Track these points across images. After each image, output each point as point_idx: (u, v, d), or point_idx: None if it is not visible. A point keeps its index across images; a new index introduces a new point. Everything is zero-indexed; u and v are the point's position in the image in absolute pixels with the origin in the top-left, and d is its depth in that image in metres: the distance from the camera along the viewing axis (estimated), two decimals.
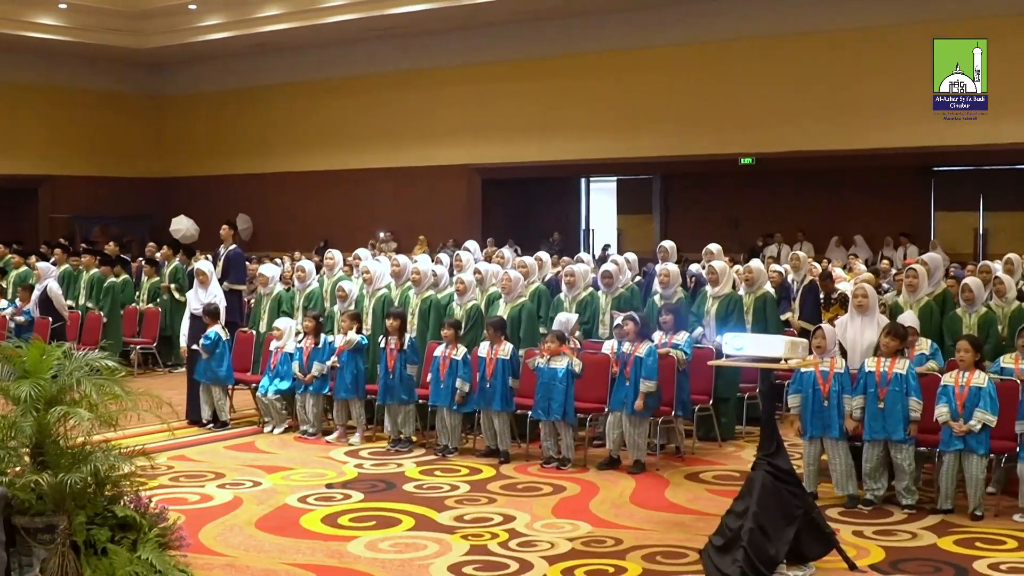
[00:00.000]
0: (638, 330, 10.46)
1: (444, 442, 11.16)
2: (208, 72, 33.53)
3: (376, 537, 8.30)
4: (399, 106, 30.01)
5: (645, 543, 8.09)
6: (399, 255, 14.02)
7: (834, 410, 9.19)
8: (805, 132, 24.55)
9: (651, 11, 25.96)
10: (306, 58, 31.08)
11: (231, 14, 29.23)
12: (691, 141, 25.91)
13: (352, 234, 27.94)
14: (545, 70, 27.76)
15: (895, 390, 8.99)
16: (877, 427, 9.05)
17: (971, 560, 7.72)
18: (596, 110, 27.23)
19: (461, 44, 28.60)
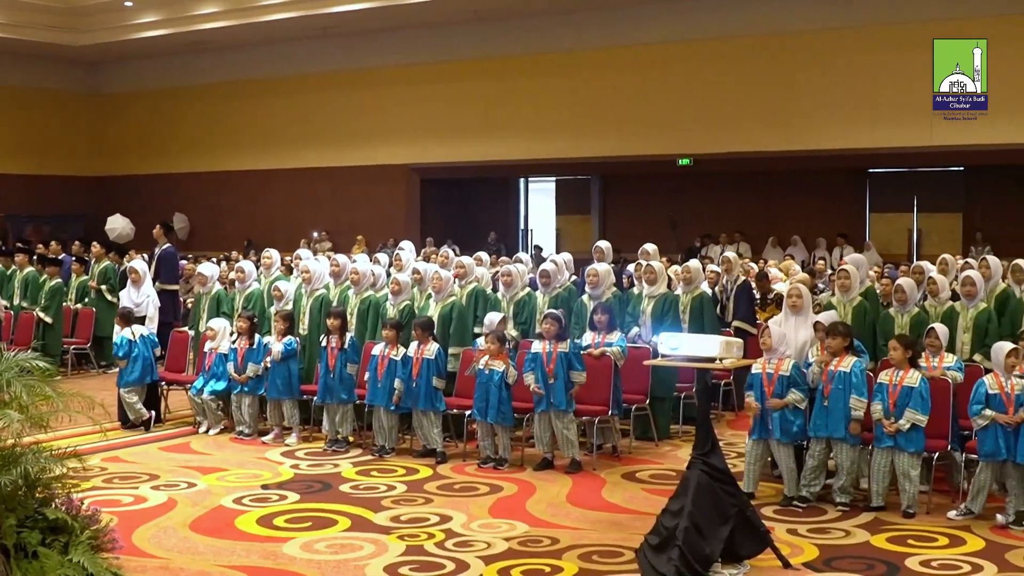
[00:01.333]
0: (557, 330, 10.49)
1: (381, 442, 11.13)
2: (145, 70, 33.19)
3: (312, 538, 8.25)
4: (338, 105, 29.89)
5: (581, 542, 8.11)
6: (339, 255, 13.94)
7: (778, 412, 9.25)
8: (743, 134, 24.73)
9: (590, 13, 26.02)
10: (244, 56, 30.87)
11: (168, 12, 28.97)
12: (630, 142, 26.02)
13: (291, 234, 27.80)
14: (485, 71, 27.77)
15: (838, 388, 9.07)
16: (821, 425, 9.13)
17: (903, 557, 7.81)
18: (535, 111, 27.26)
19: (400, 44, 28.52)
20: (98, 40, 30.48)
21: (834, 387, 9.08)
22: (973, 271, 10.93)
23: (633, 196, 28.33)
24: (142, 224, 28.00)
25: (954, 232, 24.89)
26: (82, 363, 17.24)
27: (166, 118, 33.13)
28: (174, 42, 30.19)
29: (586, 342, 10.96)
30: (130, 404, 12.56)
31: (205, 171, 32.28)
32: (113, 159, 34.19)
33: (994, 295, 11.03)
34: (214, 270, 13.86)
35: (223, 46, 30.46)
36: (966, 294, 10.52)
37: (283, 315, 12.02)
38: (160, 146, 33.20)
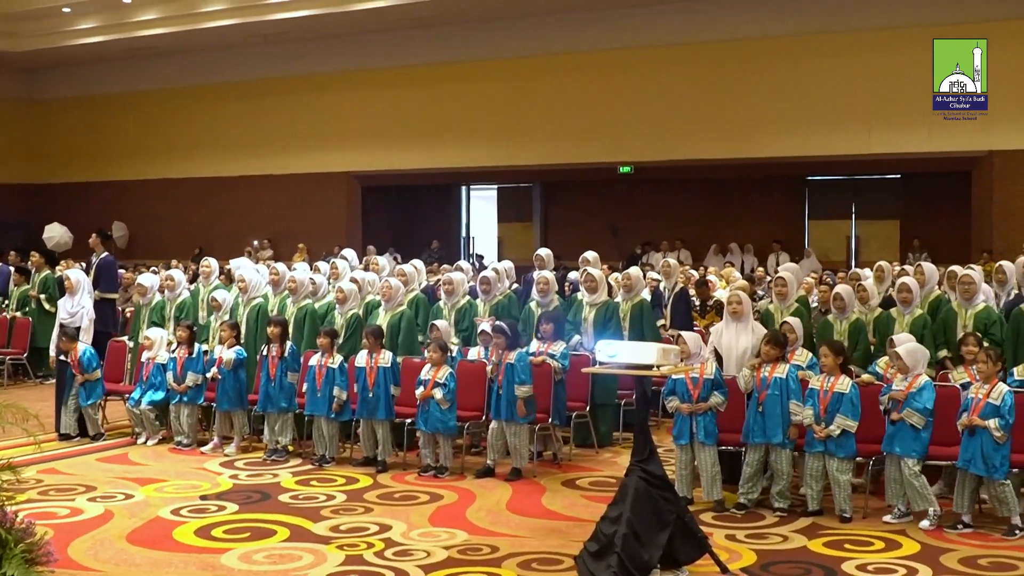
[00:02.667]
0: (508, 341, 10.51)
1: (321, 452, 11.08)
2: (84, 76, 32.89)
3: (250, 549, 8.20)
4: (279, 113, 29.77)
5: (521, 550, 8.11)
6: (278, 263, 13.88)
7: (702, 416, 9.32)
8: (684, 141, 24.90)
9: (531, 20, 26.10)
10: (184, 63, 30.65)
11: (106, 17, 28.70)
12: (571, 149, 26.11)
13: (231, 242, 27.62)
14: (425, 77, 27.76)
15: (774, 394, 9.14)
16: (758, 431, 9.19)
17: (840, 561, 7.87)
18: (477, 118, 27.30)
19: (342, 51, 28.45)
20: (35, 46, 30.11)
21: (770, 393, 9.16)
22: (909, 278, 11.05)
23: (574, 203, 28.43)
24: (81, 233, 27.67)
25: (892, 239, 25.20)
26: (19, 373, 17.03)
27: (105, 125, 32.84)
28: (113, 48, 29.92)
29: (532, 350, 10.97)
30: (94, 419, 12.43)
31: (145, 179, 32.00)
32: (51, 166, 33.81)
33: (928, 301, 11.15)
34: (154, 280, 13.73)
35: (162, 52, 30.22)
36: (902, 300, 10.63)
37: (230, 324, 11.94)
38: (99, 153, 32.88)
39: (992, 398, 8.56)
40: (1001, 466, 8.45)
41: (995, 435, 8.44)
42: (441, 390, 10.45)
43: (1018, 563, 7.83)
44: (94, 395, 12.41)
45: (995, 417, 8.47)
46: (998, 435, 8.44)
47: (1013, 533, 8.43)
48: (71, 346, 12.45)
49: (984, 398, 8.60)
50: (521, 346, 10.66)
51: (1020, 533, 8.42)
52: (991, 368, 8.68)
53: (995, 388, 8.61)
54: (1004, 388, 8.62)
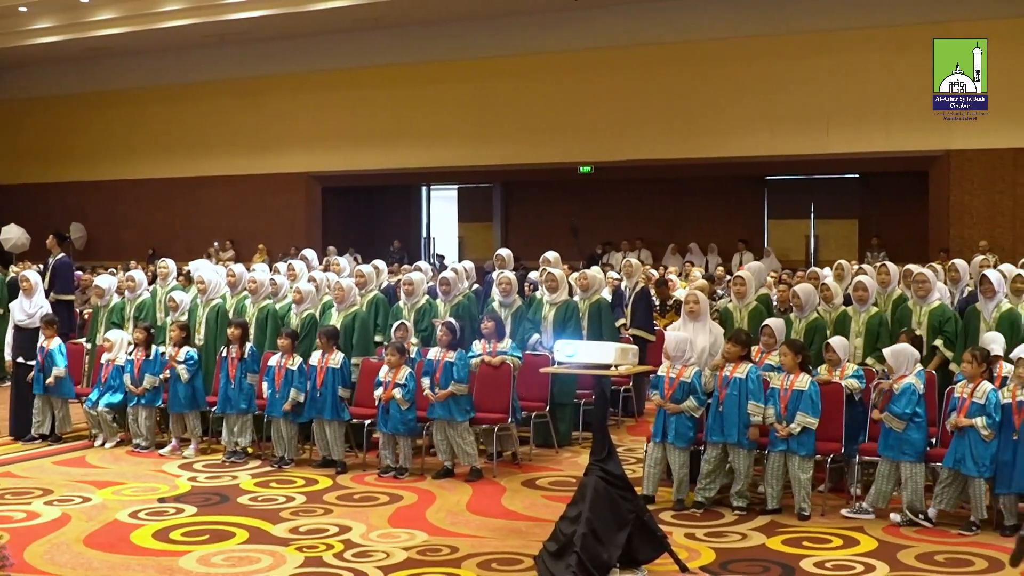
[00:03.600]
0: (451, 340, 10.52)
1: (280, 453, 11.04)
2: (41, 77, 32.59)
3: (208, 551, 8.15)
4: (238, 113, 29.65)
5: (481, 550, 8.10)
6: (236, 264, 13.81)
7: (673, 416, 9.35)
8: (644, 141, 24.97)
9: (491, 21, 26.11)
10: (142, 63, 30.45)
11: (63, 17, 28.47)
12: (531, 150, 26.15)
13: (190, 243, 27.49)
14: (386, 78, 27.72)
15: (732, 394, 9.18)
16: (716, 429, 9.23)
17: (798, 559, 7.90)
18: (437, 118, 27.28)
19: (301, 51, 28.37)
20: None
21: (729, 393, 9.19)
22: (865, 277, 11.10)
23: (535, 204, 28.47)
24: (38, 234, 27.44)
25: (850, 238, 25.38)
26: None
27: (62, 125, 32.56)
28: (70, 48, 29.69)
29: (476, 350, 10.97)
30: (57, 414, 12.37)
31: (103, 180, 31.75)
32: (7, 167, 33.46)
33: (891, 300, 11.21)
34: (111, 282, 13.63)
35: (121, 53, 30.03)
36: (858, 299, 10.67)
37: (179, 324, 11.87)
38: (56, 154, 32.60)
39: (976, 397, 8.63)
40: (990, 465, 8.52)
41: (983, 433, 8.51)
42: (400, 390, 10.43)
43: (974, 559, 7.90)
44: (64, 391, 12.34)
45: (981, 415, 8.55)
46: (985, 433, 8.50)
47: (970, 529, 8.50)
48: (50, 332, 12.37)
49: (969, 398, 8.67)
50: (463, 348, 10.67)
51: (977, 530, 8.48)
52: (976, 368, 8.74)
53: (979, 387, 8.68)
54: (988, 387, 8.67)
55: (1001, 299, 10.40)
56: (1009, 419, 8.48)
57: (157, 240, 29.47)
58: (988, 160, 22.37)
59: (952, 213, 22.73)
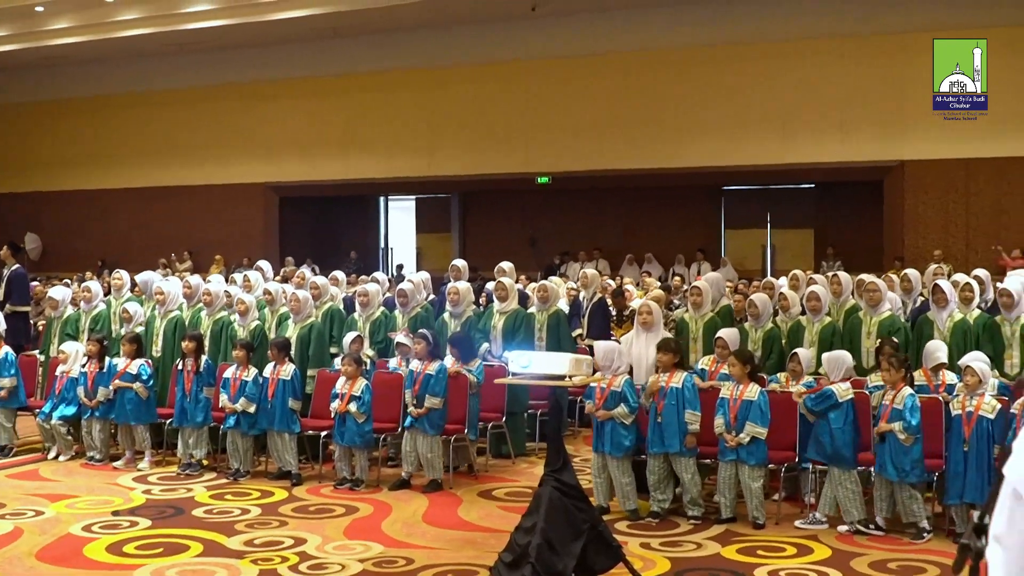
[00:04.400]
0: (429, 349, 10.52)
1: (236, 465, 10.99)
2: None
3: (163, 564, 8.10)
4: (195, 122, 29.48)
5: (436, 562, 8.10)
6: (192, 276, 13.76)
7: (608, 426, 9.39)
8: (600, 152, 25.02)
9: (447, 31, 26.11)
10: (99, 72, 30.21)
11: (19, 26, 28.18)
12: (489, 160, 26.16)
13: (147, 254, 27.26)
14: (343, 87, 27.68)
15: (671, 404, 9.22)
16: (656, 440, 9.27)
17: (752, 568, 7.95)
18: (395, 128, 27.25)
19: (258, 60, 28.26)
20: None
21: (667, 403, 9.24)
22: (818, 287, 11.20)
23: (493, 214, 28.48)
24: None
25: (806, 247, 25.54)
26: None
27: (17, 135, 32.24)
28: (26, 57, 29.41)
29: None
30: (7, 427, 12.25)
31: (58, 190, 31.44)
32: None
33: (844, 310, 11.31)
34: (65, 293, 13.55)
35: (78, 61, 29.79)
36: (811, 309, 10.77)
37: (130, 337, 11.79)
38: (11, 164, 32.27)
39: (897, 403, 8.72)
40: (912, 470, 8.60)
41: (900, 437, 8.60)
42: (356, 403, 10.41)
43: (926, 566, 7.97)
44: (15, 400, 12.25)
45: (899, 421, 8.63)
46: (902, 437, 8.59)
47: (921, 536, 8.58)
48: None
49: (890, 404, 8.76)
50: (440, 357, 10.67)
51: (928, 536, 8.57)
52: (895, 375, 8.83)
53: (899, 393, 8.76)
54: (907, 392, 8.77)
55: (954, 308, 10.51)
56: (959, 430, 8.57)
57: (114, 251, 29.20)
58: (942, 170, 22.57)
59: (907, 223, 22.92)
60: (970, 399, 8.59)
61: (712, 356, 10.24)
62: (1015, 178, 22.08)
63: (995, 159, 22.07)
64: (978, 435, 8.45)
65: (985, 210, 22.38)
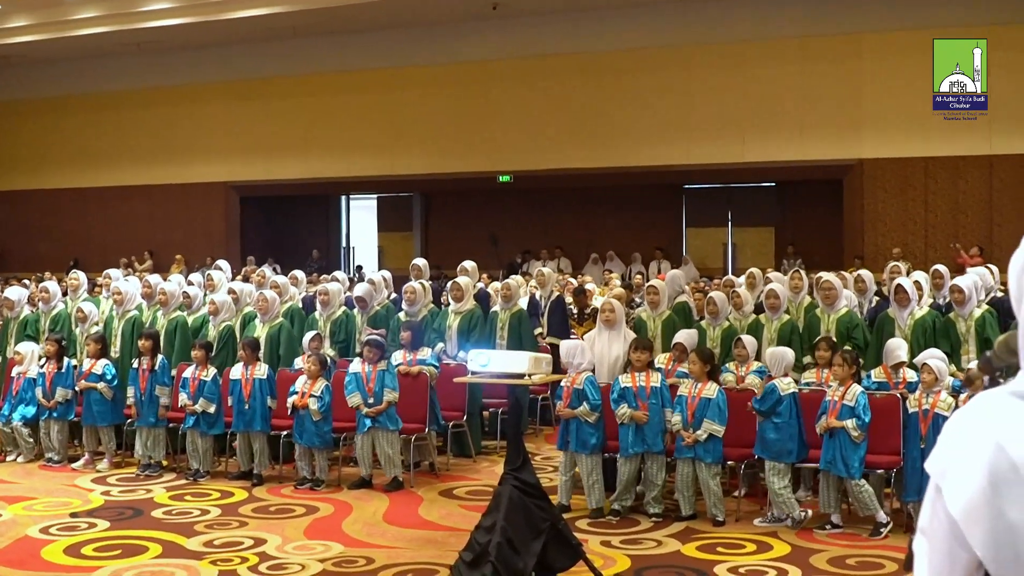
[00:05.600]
0: (379, 355, 10.52)
1: (195, 466, 10.94)
2: None
3: (121, 566, 8.06)
4: (155, 122, 29.31)
5: (397, 561, 8.09)
6: (152, 275, 13.68)
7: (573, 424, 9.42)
8: (562, 151, 25.06)
9: (408, 30, 26.06)
10: (55, 71, 29.97)
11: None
12: (450, 159, 26.16)
13: (107, 254, 27.10)
14: (304, 87, 27.60)
15: (653, 403, 9.25)
16: (637, 441, 9.28)
17: (712, 565, 7.98)
18: (356, 128, 27.19)
19: (218, 60, 28.13)
20: None
21: (650, 403, 9.27)
22: (776, 285, 11.26)
23: (454, 213, 28.47)
24: None
25: (767, 246, 25.65)
26: None
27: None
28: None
29: (396, 361, 10.95)
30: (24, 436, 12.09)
31: (17, 190, 31.18)
32: None
33: (802, 308, 11.38)
34: (21, 294, 13.44)
35: (32, 60, 29.52)
36: (770, 307, 10.82)
37: (95, 337, 11.72)
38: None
39: (847, 400, 8.78)
40: (860, 466, 8.67)
41: (852, 435, 8.66)
42: (317, 402, 10.38)
43: (884, 561, 8.02)
44: None
45: (851, 418, 8.69)
46: (855, 435, 8.66)
47: (879, 532, 8.64)
48: None
49: (840, 400, 8.81)
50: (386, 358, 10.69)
51: (885, 531, 8.63)
52: (846, 371, 8.89)
53: (849, 390, 8.82)
54: (858, 389, 8.84)
55: (915, 307, 10.59)
56: (916, 427, 8.63)
57: (74, 251, 29.02)
58: (900, 169, 22.75)
59: (866, 221, 23.07)
60: (927, 396, 8.64)
61: (669, 354, 10.29)
62: (972, 177, 22.27)
63: (952, 158, 22.27)
64: (935, 432, 8.48)
65: (943, 208, 22.57)
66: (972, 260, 18.48)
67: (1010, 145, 21.77)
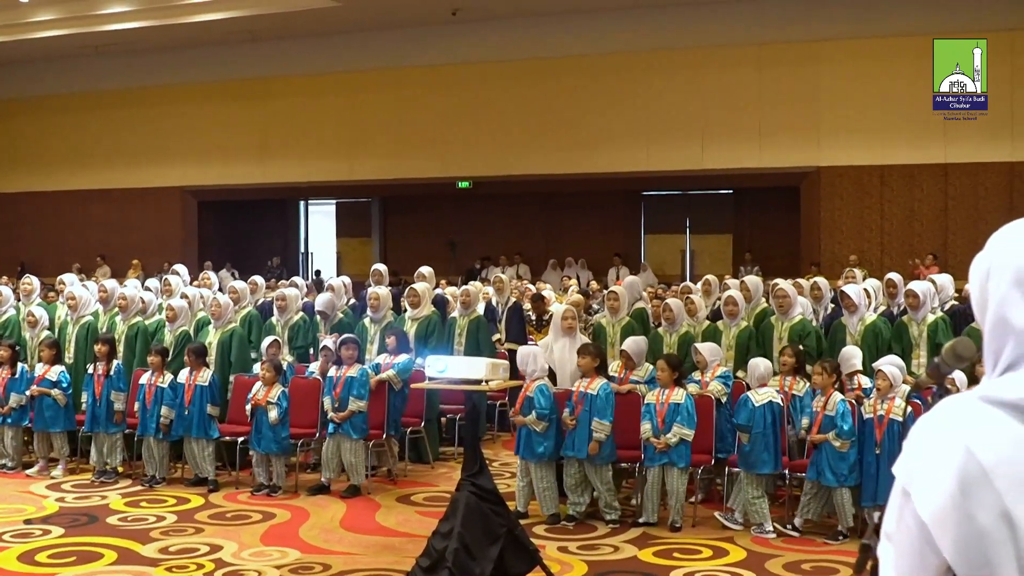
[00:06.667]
0: (357, 355, 10.50)
1: (151, 472, 10.86)
2: None
3: (76, 573, 8.01)
4: (112, 125, 29.13)
5: (354, 567, 8.08)
6: (107, 280, 13.59)
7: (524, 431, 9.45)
8: (521, 157, 25.12)
9: (367, 34, 26.06)
10: (13, 74, 29.76)
11: None
12: (409, 165, 26.14)
13: (60, 258, 26.86)
14: (261, 91, 27.53)
15: (585, 410, 9.28)
16: (568, 445, 9.32)
17: (668, 570, 8.02)
18: (315, 132, 27.16)
19: (176, 63, 27.99)
20: None
21: (583, 408, 9.29)
22: (734, 291, 11.31)
23: (413, 218, 28.45)
24: None
25: (725, 252, 25.78)
26: None
27: None
28: None
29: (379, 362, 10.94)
30: None
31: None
32: None
33: (754, 313, 11.44)
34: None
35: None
36: (728, 313, 10.87)
37: (49, 343, 11.60)
38: None
39: (828, 410, 8.84)
40: (851, 474, 8.73)
41: (835, 444, 8.72)
42: (276, 409, 10.34)
43: (839, 567, 8.08)
44: None
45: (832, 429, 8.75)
46: (837, 444, 8.72)
47: (836, 538, 8.69)
48: None
49: (822, 411, 8.87)
50: (362, 361, 10.67)
51: (844, 539, 8.68)
52: (826, 379, 8.95)
53: (831, 399, 8.88)
54: (838, 397, 8.89)
55: (863, 312, 10.66)
56: (871, 433, 8.69)
57: (27, 256, 28.76)
58: (857, 176, 22.93)
59: (823, 228, 23.23)
60: (881, 403, 8.71)
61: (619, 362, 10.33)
62: (927, 185, 22.48)
63: (908, 166, 22.47)
64: (890, 438, 8.56)
65: (899, 216, 22.76)
66: (928, 271, 18.59)
67: (964, 154, 21.98)
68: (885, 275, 12.76)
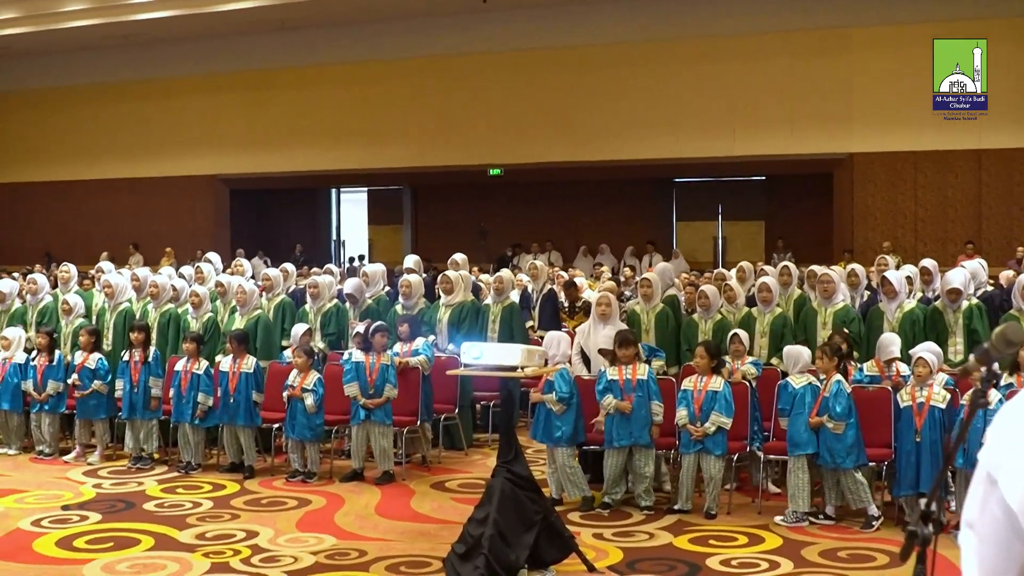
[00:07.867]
0: (386, 342, 10.52)
1: (187, 458, 10.91)
2: None
3: (113, 559, 8.04)
4: (142, 115, 29.23)
5: (389, 554, 8.09)
6: (140, 268, 13.65)
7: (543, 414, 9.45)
8: (552, 144, 25.09)
9: (391, 23, 26.05)
10: (42, 64, 29.87)
11: None
12: (440, 152, 26.16)
13: (89, 247, 26.96)
14: (292, 79, 27.57)
15: (639, 395, 9.25)
16: (623, 433, 9.28)
17: (704, 557, 7.99)
18: (344, 120, 27.18)
19: (205, 52, 28.05)
20: None
21: (636, 395, 9.26)
22: (768, 278, 11.27)
23: (444, 206, 28.46)
24: None
25: (756, 239, 25.70)
26: None
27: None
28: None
29: (396, 351, 10.96)
30: None
31: (2, 183, 31.13)
32: None
33: (792, 300, 11.40)
34: (13, 286, 13.38)
35: (19, 54, 29.42)
36: (762, 300, 10.84)
37: (89, 329, 11.64)
38: None
39: (827, 392, 8.82)
40: (848, 456, 8.69)
41: (829, 426, 8.71)
42: (312, 396, 10.36)
43: (875, 554, 8.04)
44: None
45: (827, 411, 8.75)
46: (831, 426, 8.70)
47: (870, 525, 8.66)
48: None
49: (822, 395, 8.85)
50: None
51: (877, 524, 8.64)
52: (828, 363, 8.92)
53: (830, 383, 8.86)
54: (835, 379, 8.87)
55: (903, 299, 10.61)
56: (909, 420, 8.63)
57: (59, 244, 28.90)
58: (890, 163, 22.81)
59: (856, 215, 23.12)
60: (920, 390, 8.65)
61: None
62: (962, 171, 22.33)
63: (942, 152, 22.32)
64: (930, 425, 8.51)
65: (933, 203, 22.63)
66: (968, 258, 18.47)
67: (998, 140, 21.82)
68: (920, 262, 12.69)
